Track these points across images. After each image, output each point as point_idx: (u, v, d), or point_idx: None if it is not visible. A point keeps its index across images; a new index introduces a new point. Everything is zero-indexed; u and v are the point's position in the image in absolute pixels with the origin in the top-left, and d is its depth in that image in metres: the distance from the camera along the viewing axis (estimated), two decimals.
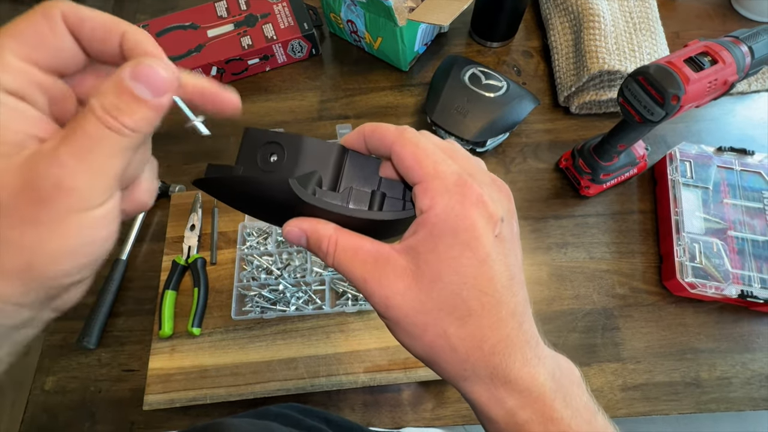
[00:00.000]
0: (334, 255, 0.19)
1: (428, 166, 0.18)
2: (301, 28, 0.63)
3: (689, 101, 0.36)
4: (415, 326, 0.18)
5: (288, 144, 0.20)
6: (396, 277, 0.18)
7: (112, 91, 0.15)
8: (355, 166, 0.21)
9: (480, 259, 0.18)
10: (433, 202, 0.18)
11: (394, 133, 0.19)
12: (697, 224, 0.49)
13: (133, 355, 0.50)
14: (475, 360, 0.18)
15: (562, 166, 0.56)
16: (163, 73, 0.16)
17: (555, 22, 0.62)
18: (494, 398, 0.18)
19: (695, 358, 0.47)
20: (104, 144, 0.15)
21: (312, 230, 0.20)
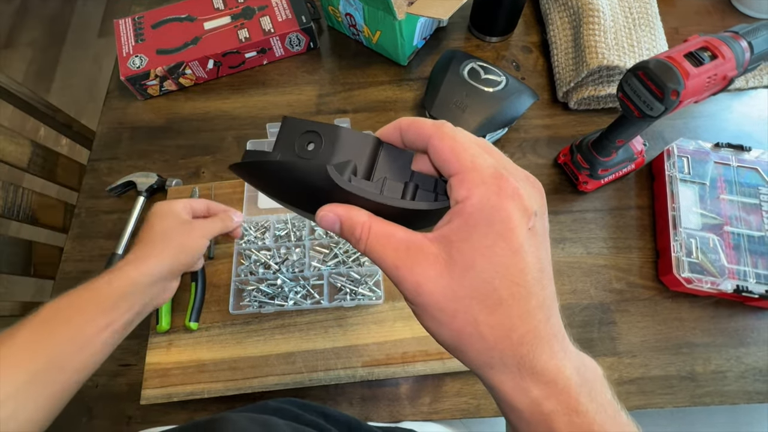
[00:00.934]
0: (367, 241, 0.20)
1: (466, 158, 0.19)
2: (299, 21, 0.62)
3: (688, 96, 0.36)
4: (445, 312, 0.18)
5: (325, 133, 0.21)
6: (428, 264, 0.18)
7: (228, 218, 0.44)
8: (389, 158, 0.22)
9: (513, 249, 0.18)
10: (469, 193, 0.18)
11: (432, 127, 0.20)
12: (693, 220, 0.49)
13: (130, 350, 0.49)
14: (502, 348, 0.18)
15: (561, 162, 0.56)
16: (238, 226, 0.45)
17: (554, 17, 0.62)
18: (519, 388, 0.18)
19: (690, 352, 0.47)
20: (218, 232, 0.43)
21: (346, 216, 0.20)
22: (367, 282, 0.48)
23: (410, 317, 0.47)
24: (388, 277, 0.20)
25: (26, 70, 1.61)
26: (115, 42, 0.62)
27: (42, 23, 1.70)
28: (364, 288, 0.48)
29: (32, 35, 1.68)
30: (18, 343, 0.31)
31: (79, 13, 1.72)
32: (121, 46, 0.61)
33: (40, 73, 1.60)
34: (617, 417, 0.19)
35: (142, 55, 0.60)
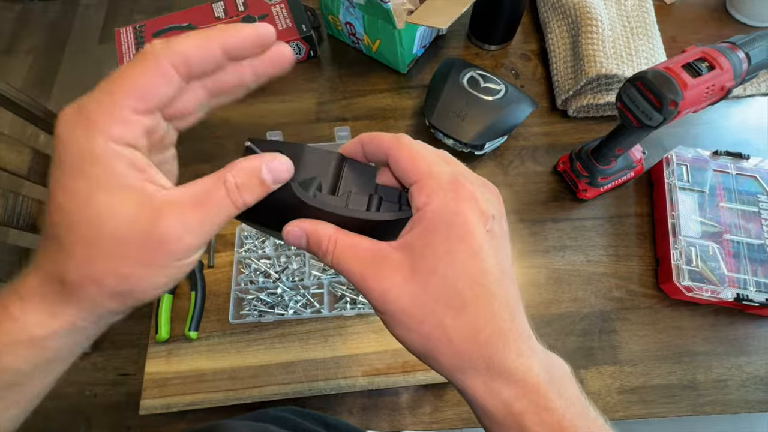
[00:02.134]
0: (333, 253, 0.20)
1: (423, 166, 0.20)
2: (300, 30, 0.63)
3: (687, 107, 0.36)
4: (412, 318, 0.19)
5: (289, 152, 0.21)
6: (393, 271, 0.19)
7: (246, 174, 0.19)
8: (353, 173, 0.22)
9: (473, 251, 0.18)
10: (428, 199, 0.19)
11: (391, 140, 0.21)
12: (693, 228, 0.50)
13: (129, 359, 0.49)
14: (470, 351, 0.18)
15: (560, 169, 0.56)
16: (288, 169, 0.20)
17: (553, 25, 0.63)
18: (490, 390, 0.18)
19: (691, 360, 0.47)
20: (223, 213, 0.18)
21: (312, 230, 0.20)
22: None
23: None
24: (357, 289, 0.20)
25: (26, 76, 1.61)
26: (116, 50, 0.63)
27: (43, 30, 1.71)
28: (364, 297, 0.47)
29: (33, 42, 1.68)
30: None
31: (80, 19, 1.73)
32: (122, 54, 0.62)
33: (40, 80, 1.60)
34: (586, 412, 0.19)
35: None
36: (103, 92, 0.17)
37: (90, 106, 0.17)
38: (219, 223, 0.18)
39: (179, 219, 0.17)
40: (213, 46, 0.18)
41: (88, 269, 0.17)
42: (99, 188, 0.17)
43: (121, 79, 0.17)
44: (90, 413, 0.47)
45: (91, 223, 0.17)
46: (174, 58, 0.17)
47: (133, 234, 0.17)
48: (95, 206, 0.17)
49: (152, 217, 0.17)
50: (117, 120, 0.17)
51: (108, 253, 0.17)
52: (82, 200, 0.17)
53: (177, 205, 0.17)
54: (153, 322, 0.47)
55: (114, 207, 0.17)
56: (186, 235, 0.17)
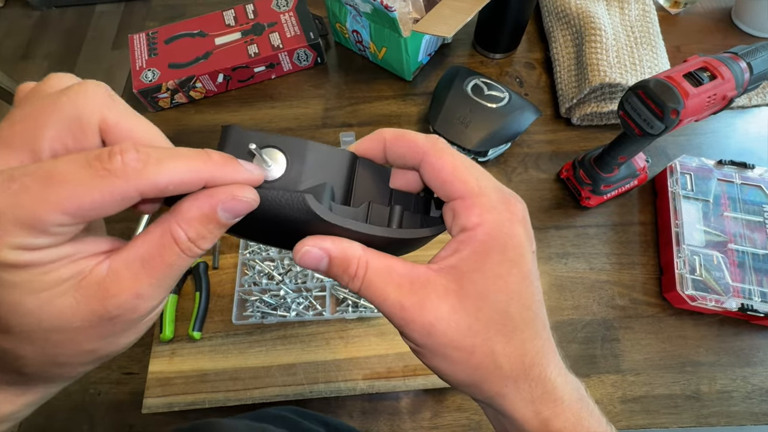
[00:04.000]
0: (364, 279, 0.17)
1: (470, 181, 0.18)
2: (307, 38, 0.64)
3: (688, 115, 0.36)
4: (461, 350, 0.17)
5: (290, 150, 0.17)
6: (438, 300, 0.17)
7: (199, 221, 0.15)
8: (366, 176, 0.19)
9: (524, 275, 0.18)
10: (481, 220, 0.17)
11: (427, 143, 0.18)
12: (697, 237, 0.49)
13: (133, 358, 0.50)
14: (516, 375, 0.18)
15: (563, 177, 0.56)
16: (250, 202, 0.16)
17: (557, 34, 0.63)
18: (531, 411, 0.18)
19: (695, 371, 0.47)
20: (179, 267, 0.16)
21: (338, 251, 0.17)
22: None
23: None
24: (388, 318, 0.18)
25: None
26: (129, 55, 0.64)
27: (59, 36, 1.76)
28: (366, 300, 0.48)
29: (49, 48, 1.73)
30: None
31: (95, 26, 1.78)
32: (135, 60, 0.63)
33: None
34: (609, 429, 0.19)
35: (154, 69, 0.62)
36: (26, 194, 0.13)
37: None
38: (176, 277, 0.16)
39: (130, 291, 0.15)
40: (198, 184, 0.15)
41: (45, 360, 0.15)
42: (23, 294, 0.14)
43: (61, 186, 0.13)
44: (93, 411, 0.48)
45: (28, 324, 0.14)
46: (147, 187, 0.14)
47: (82, 320, 0.15)
48: (25, 309, 0.14)
49: (99, 297, 0.15)
50: (36, 233, 0.13)
51: (60, 343, 0.15)
52: (7, 308, 0.14)
53: (125, 277, 0.15)
54: (157, 322, 0.48)
55: (47, 304, 0.14)
56: (142, 304, 0.15)
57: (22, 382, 0.17)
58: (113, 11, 1.81)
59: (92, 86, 0.15)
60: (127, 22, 1.77)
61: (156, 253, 0.15)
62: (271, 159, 0.17)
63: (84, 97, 0.15)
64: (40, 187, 0.13)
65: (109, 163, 0.13)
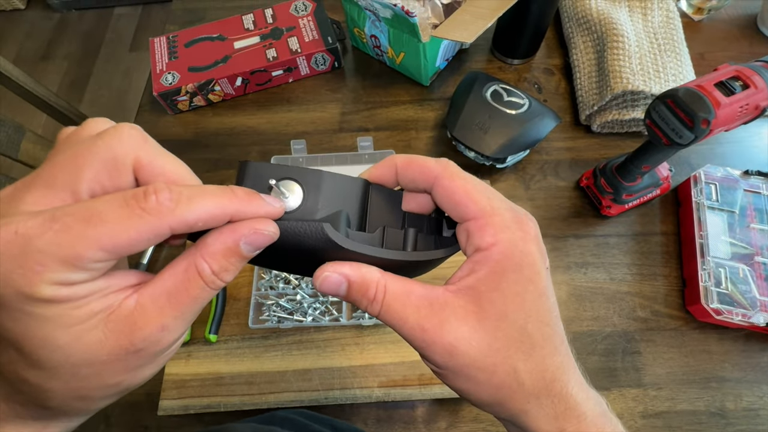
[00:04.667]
0: (383, 302, 0.18)
1: (482, 201, 0.18)
2: (325, 42, 0.64)
3: (719, 125, 0.35)
4: (483, 370, 0.17)
5: (305, 181, 0.18)
6: (458, 321, 0.17)
7: (222, 255, 0.16)
8: (379, 201, 0.20)
9: (540, 292, 0.18)
10: (495, 239, 0.17)
11: (438, 167, 0.19)
12: (722, 248, 0.48)
13: None
14: (539, 392, 0.18)
15: (583, 185, 0.55)
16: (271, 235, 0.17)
17: (577, 41, 0.63)
18: (555, 427, 0.18)
19: (720, 387, 0.45)
20: (203, 300, 0.17)
21: (357, 276, 0.18)
22: None
23: None
24: (409, 341, 0.18)
25: (61, 81, 1.68)
26: (148, 59, 0.65)
27: (78, 38, 1.79)
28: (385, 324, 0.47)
29: (68, 49, 1.76)
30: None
31: (113, 29, 1.81)
32: (155, 63, 0.64)
33: (73, 85, 1.67)
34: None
35: (174, 72, 0.63)
36: (67, 232, 0.14)
37: (40, 245, 0.13)
38: (199, 309, 0.17)
39: (156, 324, 0.16)
40: (224, 219, 0.16)
41: (70, 393, 0.16)
42: (56, 328, 0.14)
43: (99, 225, 0.14)
44: (109, 411, 0.48)
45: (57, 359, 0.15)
46: (178, 225, 0.15)
47: (109, 354, 0.15)
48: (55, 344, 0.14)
49: (126, 331, 0.15)
50: (75, 269, 0.14)
51: (86, 376, 0.15)
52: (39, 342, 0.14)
53: (151, 311, 0.16)
54: None
55: (80, 339, 0.15)
56: (166, 336, 0.16)
57: (46, 417, 0.17)
58: (131, 14, 1.84)
59: (126, 129, 0.16)
60: (145, 25, 1.80)
61: (181, 286, 0.16)
62: (288, 191, 0.18)
63: (119, 139, 0.16)
64: (80, 226, 0.14)
65: (144, 202, 0.14)
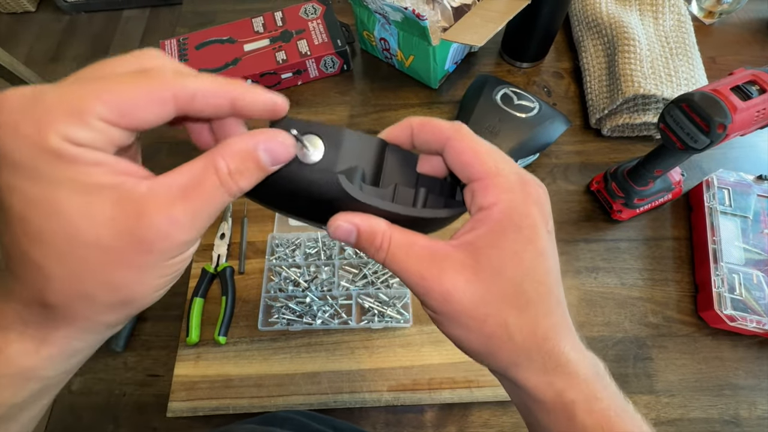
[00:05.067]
0: (388, 251, 0.19)
1: (489, 163, 0.19)
2: (335, 45, 0.64)
3: (735, 130, 0.35)
4: (475, 319, 0.19)
5: (328, 136, 0.19)
6: (455, 272, 0.18)
7: (241, 157, 0.16)
8: (394, 160, 0.21)
9: (539, 252, 0.19)
10: (497, 199, 0.18)
11: (450, 129, 0.20)
12: (735, 254, 0.48)
13: (159, 361, 0.50)
14: (529, 347, 0.19)
15: (594, 189, 0.55)
16: (288, 150, 0.18)
17: (587, 44, 0.62)
18: (545, 382, 0.19)
19: (734, 394, 0.45)
20: (216, 203, 0.16)
21: (365, 225, 0.19)
22: (395, 304, 0.48)
23: (438, 342, 0.47)
24: (410, 287, 0.19)
25: None
26: None
27: (87, 40, 1.81)
28: (392, 310, 0.47)
29: (77, 50, 1.78)
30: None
31: (121, 31, 1.82)
32: None
33: None
34: (627, 406, 0.20)
35: None
36: (77, 88, 0.14)
37: (51, 96, 0.14)
38: (212, 213, 0.16)
39: (166, 214, 0.15)
40: (225, 98, 0.17)
41: (72, 286, 0.15)
42: (66, 191, 0.14)
43: (106, 84, 0.14)
44: (118, 412, 0.48)
45: (63, 232, 0.14)
46: (180, 91, 0.15)
47: (114, 237, 0.14)
48: (64, 213, 0.14)
49: (134, 214, 0.15)
50: (81, 123, 0.14)
51: (90, 263, 0.15)
52: (47, 207, 0.14)
53: (162, 199, 0.15)
54: (184, 325, 0.48)
55: (87, 209, 0.14)
56: (175, 232, 0.15)
57: (47, 323, 0.16)
58: (139, 16, 1.86)
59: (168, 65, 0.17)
60: (153, 27, 1.82)
61: (196, 181, 0.16)
62: (311, 144, 0.19)
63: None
64: (88, 84, 0.14)
65: (150, 71, 0.15)
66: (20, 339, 0.16)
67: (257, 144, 0.17)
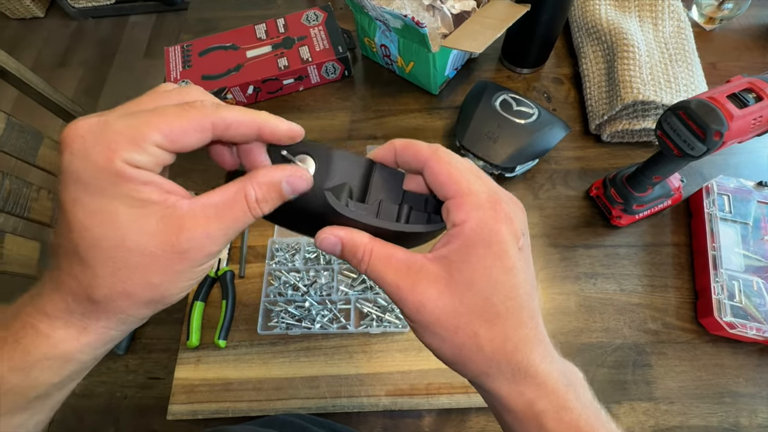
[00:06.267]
0: (369, 263, 0.21)
1: (462, 183, 0.20)
2: (336, 51, 0.65)
3: (732, 138, 0.35)
4: (446, 329, 0.20)
5: (319, 156, 0.21)
6: (429, 283, 0.20)
7: (267, 188, 0.20)
8: (381, 179, 0.22)
9: (507, 268, 0.20)
10: (467, 217, 0.20)
11: (428, 151, 0.21)
12: (735, 261, 0.47)
13: (159, 363, 0.51)
14: (499, 358, 0.20)
15: (593, 195, 0.55)
16: (307, 182, 0.21)
17: (587, 50, 0.63)
18: (515, 391, 0.20)
19: (734, 402, 0.44)
20: (242, 223, 0.20)
21: (348, 238, 0.21)
22: (393, 309, 0.48)
23: None
24: (389, 296, 0.21)
25: (76, 87, 1.72)
26: (161, 66, 0.66)
27: (94, 45, 1.84)
28: (390, 315, 0.47)
29: (84, 56, 1.81)
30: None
31: (128, 36, 1.85)
32: (170, 71, 0.65)
33: (88, 91, 1.71)
34: (600, 415, 0.21)
35: (188, 81, 0.64)
36: (137, 118, 0.17)
37: (117, 126, 0.17)
38: (238, 230, 0.20)
39: (203, 230, 0.18)
40: (253, 127, 0.20)
41: (117, 285, 0.18)
42: (121, 205, 0.17)
43: (160, 115, 0.18)
44: (119, 415, 0.49)
45: (115, 239, 0.17)
46: (218, 121, 0.18)
47: (158, 246, 0.18)
48: (119, 223, 0.17)
49: (176, 228, 0.18)
50: (140, 149, 0.17)
51: (135, 266, 0.18)
52: (104, 218, 0.17)
53: (200, 217, 0.18)
54: (185, 328, 0.49)
55: (138, 222, 0.17)
56: (208, 245, 0.19)
57: (89, 314, 0.18)
58: (145, 22, 1.88)
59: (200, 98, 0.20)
60: (159, 33, 1.84)
61: (229, 203, 0.19)
62: (304, 163, 0.21)
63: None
64: (146, 116, 0.18)
65: (193, 104, 0.18)
66: (65, 327, 0.18)
67: (282, 177, 0.20)
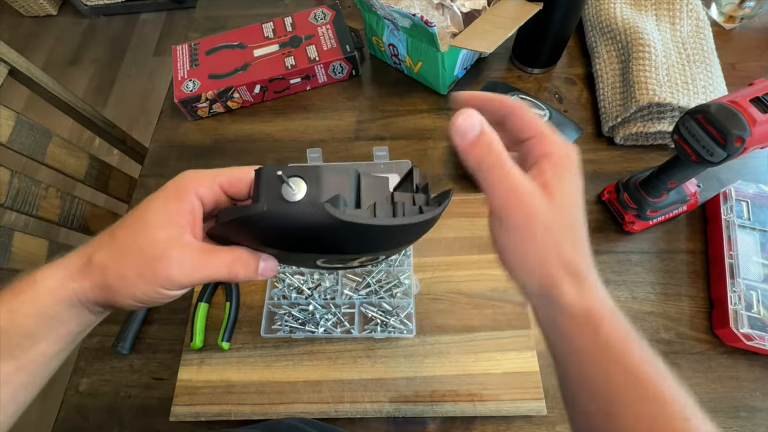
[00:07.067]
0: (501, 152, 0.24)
1: (542, 126, 0.24)
2: (343, 50, 0.64)
3: (755, 143, 0.34)
4: (547, 231, 0.22)
5: (308, 175, 0.22)
6: (540, 197, 0.23)
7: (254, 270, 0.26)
8: (369, 185, 0.24)
9: (580, 188, 0.24)
10: (555, 148, 0.23)
11: (515, 102, 0.25)
12: (754, 270, 0.46)
13: (163, 364, 0.50)
14: (574, 262, 0.23)
15: (605, 199, 0.53)
16: (275, 270, 0.28)
17: (601, 50, 0.61)
18: (579, 296, 0.23)
19: (750, 417, 0.43)
20: (215, 275, 0.24)
21: (487, 127, 0.24)
22: (398, 314, 0.47)
23: (441, 354, 0.46)
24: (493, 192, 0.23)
25: (87, 85, 1.74)
26: (171, 63, 0.66)
27: (105, 42, 1.85)
28: (395, 320, 0.47)
29: (95, 53, 1.83)
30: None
31: (138, 34, 1.86)
32: (177, 70, 0.65)
33: (99, 89, 1.73)
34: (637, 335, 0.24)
35: (195, 80, 0.64)
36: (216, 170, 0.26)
37: (202, 173, 0.25)
38: (207, 277, 0.24)
39: (179, 257, 0.23)
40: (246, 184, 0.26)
41: (107, 259, 0.24)
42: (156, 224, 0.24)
43: (228, 171, 0.26)
44: (123, 414, 0.49)
45: (134, 236, 0.24)
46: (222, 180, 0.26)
47: (148, 252, 0.23)
48: (147, 230, 0.24)
49: (167, 248, 0.23)
50: (209, 187, 0.25)
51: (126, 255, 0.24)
52: (142, 225, 0.24)
53: (186, 249, 0.23)
54: (188, 330, 0.48)
55: (153, 234, 0.23)
56: (177, 272, 0.23)
57: (76, 268, 0.24)
58: (156, 20, 1.89)
59: None
60: (169, 31, 1.85)
61: (215, 271, 0.24)
62: (295, 185, 0.22)
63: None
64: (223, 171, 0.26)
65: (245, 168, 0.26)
66: (53, 278, 0.24)
67: (257, 263, 0.26)
